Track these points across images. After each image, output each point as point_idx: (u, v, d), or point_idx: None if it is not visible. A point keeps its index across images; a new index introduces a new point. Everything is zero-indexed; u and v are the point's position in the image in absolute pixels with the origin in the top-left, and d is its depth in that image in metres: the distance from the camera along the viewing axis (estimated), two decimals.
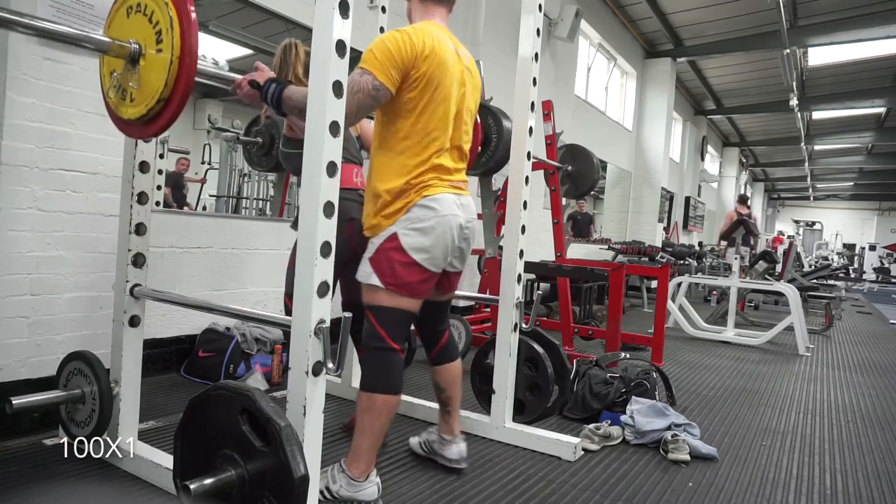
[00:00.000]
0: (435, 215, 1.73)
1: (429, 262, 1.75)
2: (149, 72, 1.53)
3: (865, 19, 8.05)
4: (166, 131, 1.66)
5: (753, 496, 2.10)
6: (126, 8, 1.60)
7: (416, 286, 1.76)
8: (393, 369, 1.78)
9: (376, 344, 1.77)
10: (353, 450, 1.78)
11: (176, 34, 1.47)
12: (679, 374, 3.93)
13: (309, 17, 3.58)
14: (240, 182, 5.38)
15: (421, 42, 1.69)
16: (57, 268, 2.39)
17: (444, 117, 1.76)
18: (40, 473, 1.88)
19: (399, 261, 1.72)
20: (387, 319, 1.76)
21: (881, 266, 20.64)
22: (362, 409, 1.76)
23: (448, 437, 2.09)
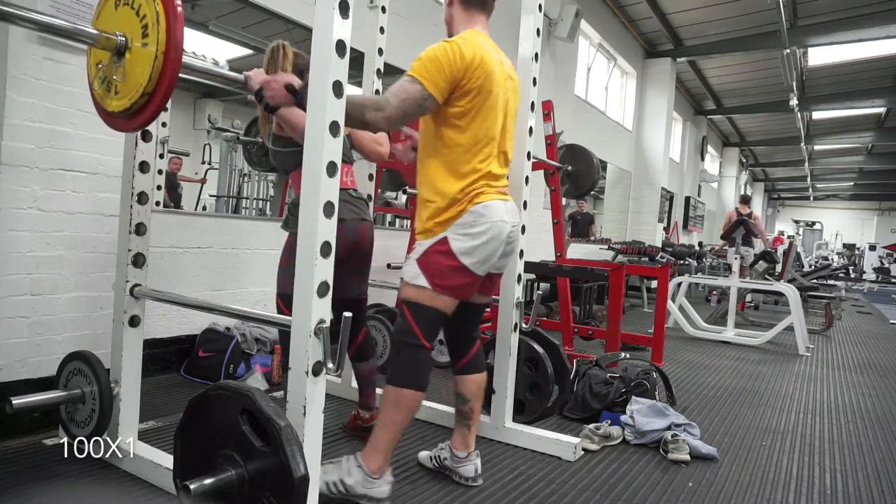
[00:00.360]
0: (486, 221, 1.77)
1: (476, 267, 1.78)
2: (134, 65, 1.52)
3: (865, 19, 8.05)
4: (165, 131, 1.65)
5: (753, 496, 2.10)
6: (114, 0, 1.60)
7: (462, 289, 1.80)
8: (423, 366, 1.80)
9: (410, 340, 1.78)
10: (371, 444, 1.78)
11: (162, 28, 1.46)
12: (679, 374, 3.93)
13: (309, 17, 3.58)
14: (240, 182, 5.38)
15: (471, 53, 1.72)
16: (57, 268, 2.39)
17: (492, 125, 1.80)
18: (40, 473, 1.88)
19: (448, 264, 1.75)
20: (423, 317, 1.78)
21: (881, 266, 20.64)
22: (388, 402, 1.77)
23: (462, 453, 2.02)
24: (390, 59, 2.86)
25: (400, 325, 1.81)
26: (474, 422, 2.04)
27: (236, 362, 3.02)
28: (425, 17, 4.75)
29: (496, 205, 1.81)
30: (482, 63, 1.74)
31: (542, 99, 4.28)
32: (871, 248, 21.46)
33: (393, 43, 3.02)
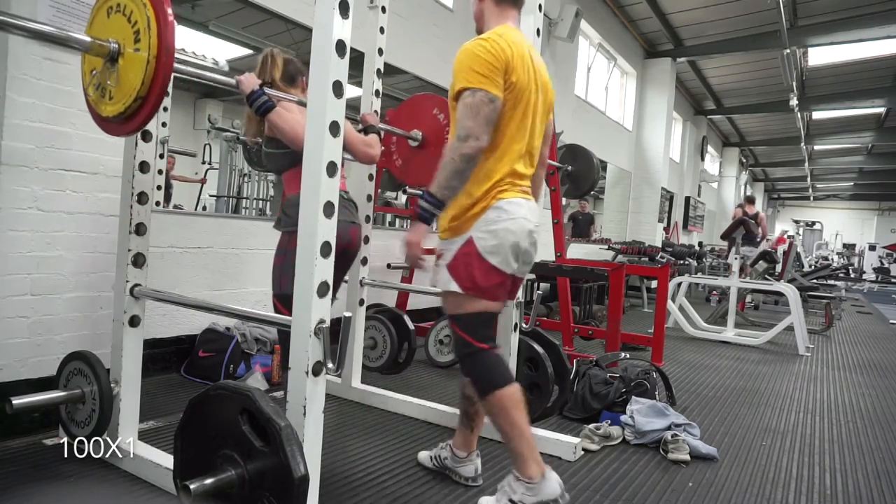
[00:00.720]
0: (508, 217, 1.72)
1: (503, 265, 1.73)
2: (127, 70, 1.56)
3: (865, 19, 8.05)
4: (165, 131, 1.66)
5: (753, 496, 2.10)
6: (107, 8, 1.64)
7: (494, 290, 1.76)
8: (493, 365, 1.76)
9: (467, 350, 1.76)
10: (515, 458, 1.73)
11: (153, 34, 1.50)
12: (679, 374, 3.93)
13: (309, 17, 3.58)
14: (240, 182, 5.38)
15: (509, 48, 1.68)
16: (57, 268, 2.39)
17: (523, 122, 1.76)
18: (40, 473, 1.88)
19: (477, 265, 1.71)
20: (469, 324, 1.76)
21: (881, 266, 20.64)
22: (492, 414, 1.74)
23: (462, 453, 2.02)
24: (390, 59, 2.87)
25: (454, 340, 1.80)
26: (478, 424, 2.02)
27: (236, 362, 3.02)
28: (425, 17, 4.75)
29: (519, 202, 1.76)
30: (520, 58, 1.70)
31: None
32: (871, 248, 21.47)
33: (393, 43, 3.02)
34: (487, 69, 1.63)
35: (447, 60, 5.04)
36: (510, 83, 1.68)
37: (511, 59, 1.67)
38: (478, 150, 1.62)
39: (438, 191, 1.63)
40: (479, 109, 1.62)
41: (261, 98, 1.90)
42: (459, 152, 1.61)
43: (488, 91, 1.63)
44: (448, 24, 5.01)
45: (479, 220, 1.72)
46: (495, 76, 1.64)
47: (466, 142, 1.60)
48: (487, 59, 1.64)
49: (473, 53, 1.65)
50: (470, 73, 1.64)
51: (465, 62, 1.66)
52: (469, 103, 1.62)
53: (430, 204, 1.64)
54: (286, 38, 3.76)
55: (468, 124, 1.61)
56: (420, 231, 1.69)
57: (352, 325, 2.75)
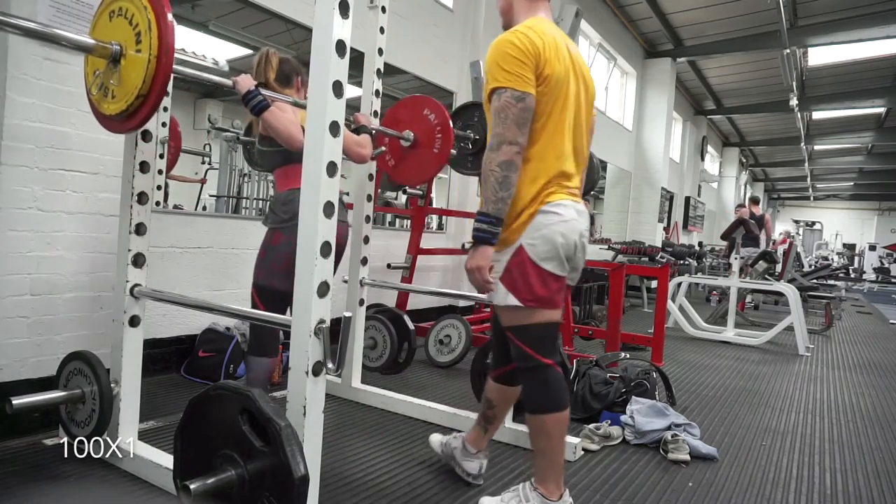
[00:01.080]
0: (558, 220, 1.63)
1: (559, 269, 1.65)
2: (129, 70, 1.63)
3: (865, 19, 8.05)
4: (164, 131, 1.68)
5: (753, 496, 2.10)
6: (109, 11, 1.71)
7: (553, 297, 1.67)
8: (552, 385, 1.68)
9: (528, 364, 1.68)
10: (538, 471, 1.72)
11: (154, 35, 1.57)
12: (679, 374, 3.93)
13: (309, 17, 3.58)
14: (240, 182, 5.37)
15: (540, 41, 1.58)
16: (57, 268, 2.39)
17: (563, 116, 1.66)
18: (40, 473, 1.88)
19: (531, 274, 1.62)
20: (531, 337, 1.67)
21: (881, 266, 20.64)
22: (535, 431, 1.70)
23: (473, 449, 2.00)
24: (390, 59, 2.87)
25: (514, 352, 1.72)
26: (494, 428, 2.00)
27: (236, 362, 3.02)
28: (425, 17, 4.75)
29: (568, 203, 1.67)
30: (553, 50, 1.61)
31: None
32: (871, 248, 21.47)
33: (393, 43, 3.03)
34: (515, 65, 1.55)
35: (447, 60, 5.05)
36: (544, 77, 1.58)
37: (543, 51, 1.58)
38: (515, 155, 1.55)
39: (490, 207, 1.56)
40: (507, 111, 1.54)
41: (256, 98, 1.94)
42: (497, 162, 1.54)
43: (515, 89, 1.54)
44: (448, 24, 5.01)
45: (529, 227, 1.63)
46: (524, 72, 1.55)
47: (500, 149, 1.54)
48: (514, 55, 1.55)
49: (500, 50, 1.58)
50: (497, 71, 1.57)
51: (493, 60, 1.59)
52: (497, 108, 1.56)
53: (486, 223, 1.57)
54: (286, 38, 3.76)
55: (498, 130, 1.55)
56: (483, 255, 1.59)
57: (352, 325, 2.75)
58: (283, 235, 2.11)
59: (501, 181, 1.55)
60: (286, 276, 2.11)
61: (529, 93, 1.56)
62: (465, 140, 3.18)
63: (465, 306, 5.21)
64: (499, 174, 1.54)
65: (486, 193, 1.57)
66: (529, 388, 1.71)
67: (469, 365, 2.89)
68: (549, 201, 1.64)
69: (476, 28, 5.18)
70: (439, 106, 2.82)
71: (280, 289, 2.13)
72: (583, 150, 1.77)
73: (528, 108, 1.57)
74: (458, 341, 3.73)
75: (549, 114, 1.63)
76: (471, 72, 3.40)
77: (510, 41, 1.58)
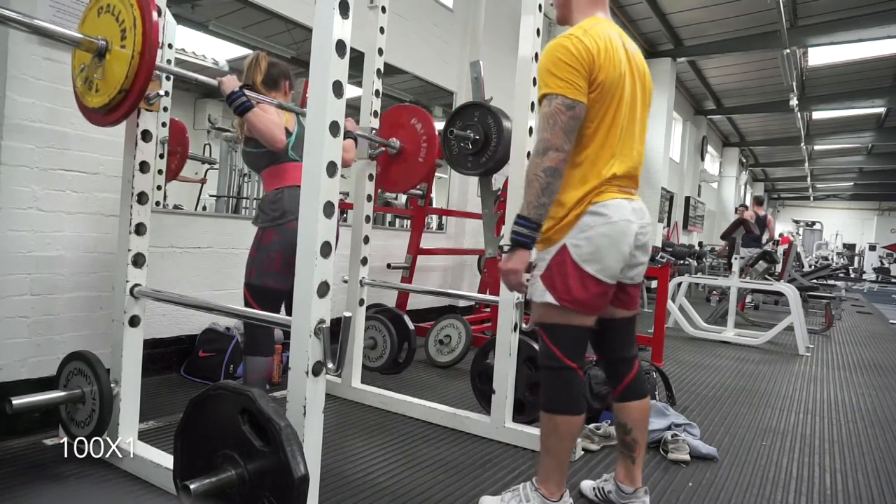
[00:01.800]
0: (606, 221, 1.60)
1: (603, 274, 1.60)
2: (113, 65, 1.69)
3: (865, 19, 8.05)
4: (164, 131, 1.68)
5: (753, 496, 2.10)
6: (98, 8, 1.77)
7: (593, 301, 1.62)
8: (573, 389, 1.68)
9: (553, 364, 1.67)
10: (541, 471, 1.72)
11: (138, 31, 1.63)
12: (679, 374, 3.93)
13: (309, 17, 3.58)
14: (240, 182, 5.37)
15: (594, 45, 1.56)
16: (57, 268, 2.39)
17: (616, 120, 1.63)
18: (40, 473, 1.88)
19: (572, 275, 1.59)
20: (561, 338, 1.66)
21: (881, 266, 20.64)
22: (546, 430, 1.69)
23: (629, 488, 1.82)
24: (390, 59, 2.87)
25: (540, 349, 1.72)
26: (639, 454, 1.81)
27: (236, 362, 3.02)
28: (425, 17, 4.75)
29: (619, 203, 1.62)
30: (608, 53, 1.57)
31: None
32: (871, 248, 21.47)
33: (393, 43, 3.03)
34: (567, 72, 1.53)
35: (447, 60, 5.05)
36: (598, 83, 1.56)
37: (597, 57, 1.55)
38: (560, 162, 1.54)
39: (530, 211, 1.55)
40: (556, 118, 1.53)
41: (239, 98, 1.99)
42: (541, 167, 1.53)
43: (566, 96, 1.53)
44: (448, 24, 5.01)
45: (574, 228, 1.61)
46: (576, 79, 1.53)
47: (546, 155, 1.53)
48: (567, 61, 1.53)
49: (554, 55, 1.55)
50: (549, 77, 1.55)
51: (545, 65, 1.57)
52: (546, 113, 1.54)
53: (526, 227, 1.56)
54: (286, 38, 3.76)
55: (545, 136, 1.54)
56: (521, 258, 1.59)
57: (352, 325, 2.75)
58: (274, 233, 2.14)
59: (545, 187, 1.54)
60: (279, 274, 2.13)
61: (580, 101, 1.55)
62: (465, 140, 3.18)
63: (465, 306, 5.21)
64: (543, 180, 1.54)
65: (528, 198, 1.56)
66: (550, 388, 1.70)
67: (469, 365, 2.89)
68: (597, 201, 1.61)
69: (476, 28, 5.17)
70: (426, 115, 2.90)
71: (273, 287, 2.14)
72: (639, 150, 1.74)
73: (578, 117, 1.56)
74: (458, 341, 3.73)
75: (602, 118, 1.61)
76: (471, 72, 3.40)
77: (564, 47, 1.55)
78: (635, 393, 1.81)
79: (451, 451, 2.31)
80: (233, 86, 1.99)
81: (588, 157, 1.62)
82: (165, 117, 2.96)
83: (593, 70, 1.56)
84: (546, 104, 1.55)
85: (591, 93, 1.57)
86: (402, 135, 2.93)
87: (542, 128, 1.55)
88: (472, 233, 5.43)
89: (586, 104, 1.56)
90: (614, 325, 1.78)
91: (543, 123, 1.55)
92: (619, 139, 1.65)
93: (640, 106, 1.71)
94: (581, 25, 1.62)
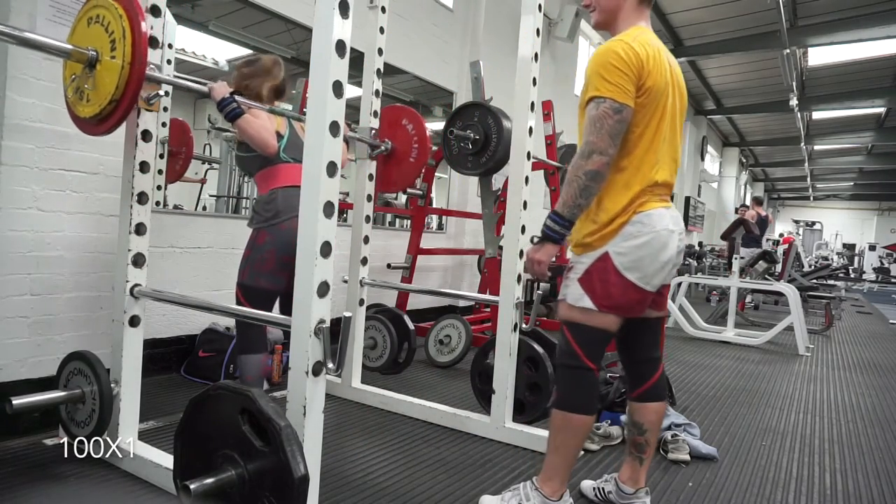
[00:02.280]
0: (650, 231, 1.61)
1: (643, 281, 1.62)
2: (103, 76, 1.71)
3: (865, 19, 8.05)
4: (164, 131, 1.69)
5: (753, 496, 2.10)
6: (87, 18, 1.78)
7: (632, 307, 1.66)
8: (590, 389, 1.70)
9: (574, 362, 1.68)
10: (545, 468, 1.71)
11: (128, 43, 1.65)
12: (679, 374, 3.93)
13: (309, 17, 3.58)
14: (240, 182, 5.37)
15: (644, 52, 1.58)
16: (57, 268, 2.39)
17: (660, 127, 1.65)
18: (40, 473, 1.88)
19: (613, 282, 1.61)
20: (587, 338, 1.67)
21: (881, 266, 20.64)
22: (557, 427, 1.69)
23: (629, 489, 1.83)
24: (390, 59, 2.87)
25: (562, 347, 1.71)
26: (648, 456, 1.82)
27: (236, 362, 3.02)
28: (425, 17, 4.75)
29: (660, 212, 1.64)
30: (655, 62, 1.60)
31: (542, 99, 4.28)
32: (871, 248, 21.47)
33: (393, 43, 3.03)
34: (617, 76, 1.54)
35: (447, 60, 5.05)
36: (645, 89, 1.58)
37: (646, 63, 1.58)
38: (603, 166, 1.55)
39: (566, 210, 1.58)
40: (603, 122, 1.54)
41: (230, 105, 2.00)
42: (584, 169, 1.55)
43: (615, 100, 1.54)
44: (448, 24, 5.01)
45: (617, 236, 1.62)
46: (626, 84, 1.55)
47: (590, 158, 1.54)
48: (618, 65, 1.55)
49: (604, 60, 1.56)
50: (598, 80, 1.56)
51: (595, 68, 1.58)
52: (593, 116, 1.55)
53: (559, 224, 1.59)
54: (286, 38, 3.76)
55: (591, 139, 1.54)
56: (548, 251, 1.64)
57: (352, 325, 2.75)
58: (267, 234, 2.16)
59: (584, 189, 1.56)
60: (271, 274, 2.14)
61: (628, 105, 1.56)
62: (464, 140, 3.18)
63: (465, 306, 5.21)
64: (583, 182, 1.55)
65: (565, 197, 1.58)
66: (566, 386, 1.71)
67: (469, 365, 2.89)
68: (640, 211, 1.63)
69: (476, 28, 5.17)
70: (416, 116, 2.90)
71: (266, 287, 2.16)
72: (676, 159, 1.76)
73: (624, 121, 1.57)
74: (458, 341, 3.73)
75: (647, 124, 1.63)
76: (471, 72, 3.40)
77: (615, 51, 1.56)
78: (656, 395, 1.84)
79: (451, 451, 2.31)
80: (223, 92, 2.00)
81: (632, 163, 1.63)
82: (165, 117, 2.96)
83: (642, 75, 1.57)
84: (594, 107, 1.56)
85: (638, 97, 1.58)
86: (394, 135, 2.92)
87: (589, 131, 1.56)
88: (472, 233, 5.43)
89: (633, 109, 1.58)
90: (645, 325, 1.80)
91: (590, 127, 1.56)
92: (662, 147, 1.67)
93: (678, 117, 1.73)
94: (629, 33, 1.64)
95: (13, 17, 2.17)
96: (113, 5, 1.71)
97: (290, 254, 2.00)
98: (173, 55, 3.03)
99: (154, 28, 1.91)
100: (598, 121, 1.54)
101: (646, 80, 1.58)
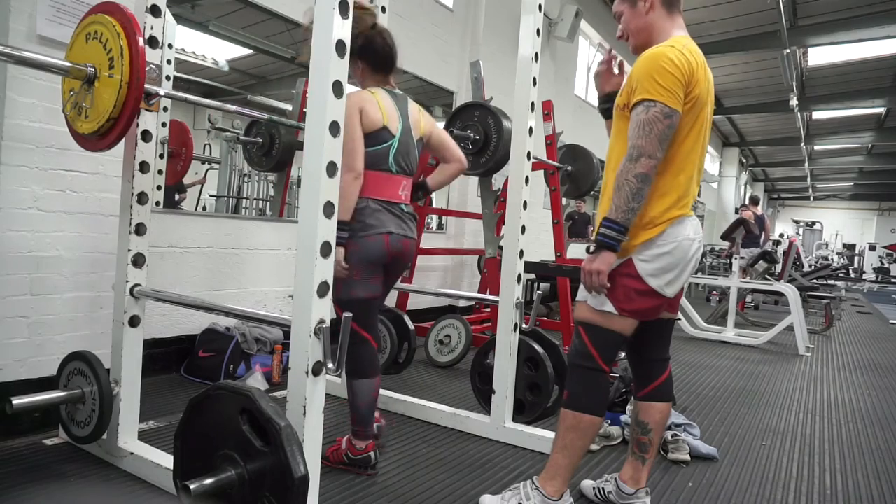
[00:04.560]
0: (674, 240, 1.63)
1: (665, 289, 1.65)
2: (101, 93, 1.71)
3: (865, 19, 8.05)
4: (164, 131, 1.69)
5: (753, 496, 2.10)
6: (85, 34, 1.78)
7: (649, 312, 1.68)
8: (602, 390, 1.71)
9: (587, 363, 1.69)
10: (549, 467, 1.72)
11: (126, 61, 1.66)
12: (679, 374, 3.93)
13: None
14: (240, 182, 5.37)
15: (694, 61, 1.58)
16: (57, 268, 2.39)
17: (700, 137, 1.66)
18: (40, 473, 1.88)
19: (636, 288, 1.62)
20: (604, 341, 1.68)
21: (881, 266, 20.64)
22: (567, 427, 1.69)
23: (630, 489, 1.83)
24: None
25: (576, 348, 1.72)
26: (651, 456, 1.83)
27: (236, 362, 3.02)
28: (425, 17, 4.75)
29: (683, 221, 1.66)
30: (703, 69, 1.61)
31: (542, 99, 4.28)
32: (871, 248, 21.48)
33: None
34: (671, 81, 1.53)
35: (447, 60, 5.05)
36: (693, 96, 1.58)
37: (696, 71, 1.57)
38: (651, 169, 1.54)
39: (620, 215, 1.56)
40: (653, 126, 1.52)
41: None
42: (634, 173, 1.54)
43: (666, 104, 1.53)
44: (448, 24, 5.01)
45: (644, 244, 1.63)
46: (677, 89, 1.54)
47: (638, 161, 1.53)
48: (671, 71, 1.53)
49: (657, 63, 1.54)
50: (651, 83, 1.54)
51: (647, 71, 1.55)
52: (642, 119, 1.54)
53: (615, 230, 1.57)
54: (286, 38, 3.76)
55: (639, 143, 1.53)
56: (606, 260, 1.59)
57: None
58: (353, 244, 1.98)
59: (636, 192, 1.55)
60: (361, 282, 2.01)
61: (678, 110, 1.55)
62: (464, 140, 3.18)
63: (464, 306, 5.21)
64: (634, 185, 1.54)
65: (617, 202, 1.56)
66: (579, 386, 1.71)
67: (469, 365, 2.89)
68: (670, 218, 1.63)
69: (476, 28, 5.17)
70: None
71: (361, 297, 2.01)
72: (702, 170, 1.77)
73: (674, 126, 1.56)
74: (458, 341, 3.73)
75: (689, 131, 1.63)
76: (471, 72, 3.40)
77: (668, 57, 1.55)
78: (663, 395, 1.84)
79: (451, 451, 2.31)
80: None
81: (670, 169, 1.63)
82: (166, 117, 2.96)
83: (691, 83, 1.57)
84: (643, 110, 1.54)
85: (684, 104, 1.58)
86: None
87: (637, 134, 1.55)
88: (472, 233, 5.43)
89: (680, 115, 1.57)
90: (657, 325, 1.81)
91: (638, 130, 1.54)
92: (700, 156, 1.68)
93: (708, 127, 1.73)
94: (677, 40, 1.63)
95: (13, 17, 2.17)
96: (110, 22, 1.69)
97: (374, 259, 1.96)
98: (173, 55, 3.03)
99: (154, 28, 1.91)
100: (648, 124, 1.53)
101: (693, 89, 1.57)
